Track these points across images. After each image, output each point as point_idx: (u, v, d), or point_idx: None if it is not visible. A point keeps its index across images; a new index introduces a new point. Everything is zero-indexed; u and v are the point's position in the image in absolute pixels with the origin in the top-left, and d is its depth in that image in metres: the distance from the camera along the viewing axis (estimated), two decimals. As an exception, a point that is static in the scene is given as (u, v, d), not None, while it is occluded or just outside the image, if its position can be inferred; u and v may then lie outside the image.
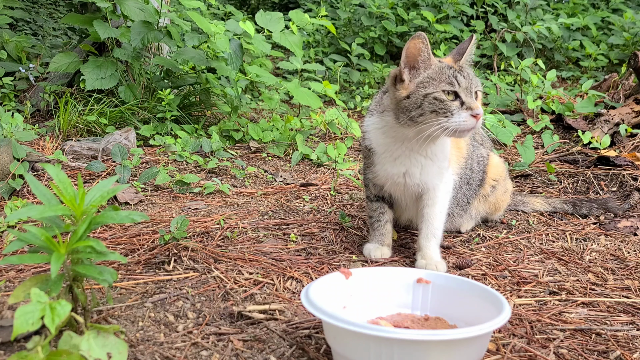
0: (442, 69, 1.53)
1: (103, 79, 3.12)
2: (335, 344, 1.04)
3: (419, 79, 1.54)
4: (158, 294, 1.40)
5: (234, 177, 2.61)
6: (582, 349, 1.22)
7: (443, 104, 1.49)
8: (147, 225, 1.90)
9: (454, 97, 1.51)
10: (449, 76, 1.51)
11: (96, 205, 1.09)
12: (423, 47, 1.52)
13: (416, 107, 1.52)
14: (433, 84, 1.51)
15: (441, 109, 1.49)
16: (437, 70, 1.53)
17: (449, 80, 1.51)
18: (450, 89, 1.50)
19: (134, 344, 1.15)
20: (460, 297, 1.22)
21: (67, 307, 0.96)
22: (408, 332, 0.92)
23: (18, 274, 1.50)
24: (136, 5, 3.18)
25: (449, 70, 1.53)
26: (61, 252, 1.03)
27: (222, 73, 3.28)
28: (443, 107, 1.49)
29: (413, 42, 1.52)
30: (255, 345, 1.17)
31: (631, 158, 2.61)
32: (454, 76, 1.51)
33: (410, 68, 1.55)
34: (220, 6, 5.67)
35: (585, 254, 1.79)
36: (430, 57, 1.54)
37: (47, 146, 2.71)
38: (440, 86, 1.51)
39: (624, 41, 5.30)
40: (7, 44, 3.86)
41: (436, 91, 1.50)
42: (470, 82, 1.52)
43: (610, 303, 1.45)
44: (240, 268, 1.57)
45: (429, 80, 1.52)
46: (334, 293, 1.21)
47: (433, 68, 1.54)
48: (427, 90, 1.51)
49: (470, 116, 1.49)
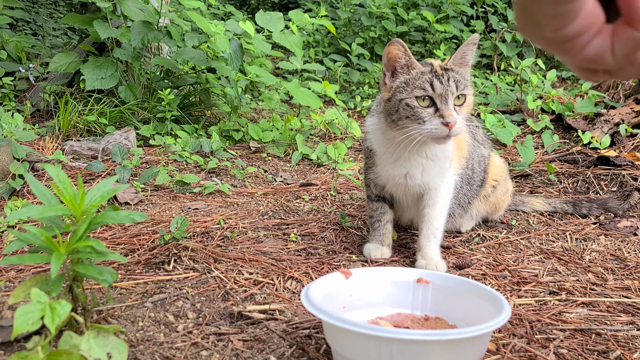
0: (420, 74, 1.51)
1: (103, 79, 3.12)
2: (335, 344, 1.04)
3: (396, 83, 1.54)
4: (158, 294, 1.40)
5: (234, 177, 2.61)
6: (582, 349, 1.22)
7: (414, 110, 1.48)
8: (147, 225, 1.90)
9: (429, 102, 1.48)
10: (423, 82, 1.48)
11: (96, 205, 1.09)
12: (399, 52, 1.52)
13: (394, 111, 1.52)
14: (407, 90, 1.50)
15: (413, 115, 1.48)
16: (414, 75, 1.51)
17: (423, 86, 1.48)
18: (423, 94, 1.48)
19: (134, 344, 1.15)
20: (460, 297, 1.22)
21: (67, 307, 0.96)
22: (408, 332, 0.92)
23: (18, 274, 1.50)
24: (136, 5, 3.18)
25: (425, 76, 1.49)
26: (61, 252, 1.03)
27: (222, 73, 3.28)
28: (414, 114, 1.48)
29: (390, 47, 1.52)
30: (255, 345, 1.17)
31: (631, 158, 2.61)
32: (429, 81, 1.48)
33: (392, 72, 1.55)
34: (220, 6, 5.67)
35: (585, 254, 1.79)
36: (410, 61, 1.52)
37: (47, 146, 2.71)
38: (413, 92, 1.49)
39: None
40: (7, 44, 3.86)
41: (409, 97, 1.49)
42: (447, 88, 1.47)
43: (610, 303, 1.45)
44: (240, 268, 1.57)
45: (404, 85, 1.51)
46: (334, 293, 1.21)
47: (411, 73, 1.52)
48: (402, 95, 1.51)
49: (442, 124, 1.46)
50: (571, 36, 0.48)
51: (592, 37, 0.49)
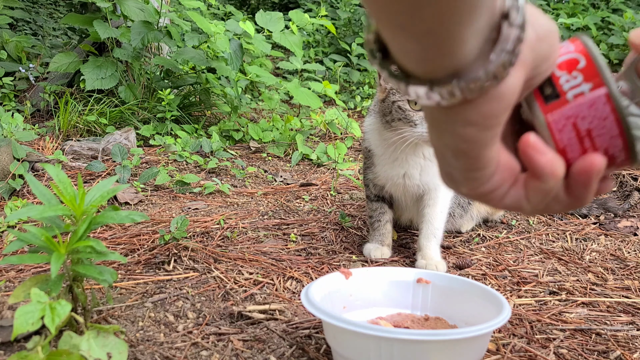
0: None
1: (103, 79, 3.12)
2: (335, 344, 1.04)
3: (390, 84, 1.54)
4: (158, 294, 1.40)
5: (234, 177, 2.61)
6: (582, 349, 1.22)
7: (406, 113, 1.48)
8: (147, 225, 1.90)
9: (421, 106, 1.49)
10: None
11: (96, 205, 1.09)
12: None
13: (388, 112, 1.53)
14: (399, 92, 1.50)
15: (405, 117, 1.49)
16: None
17: None
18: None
19: (134, 344, 1.15)
20: (460, 297, 1.22)
21: (67, 307, 0.96)
22: (408, 332, 0.92)
23: (18, 274, 1.50)
24: (136, 5, 3.18)
25: None
26: (61, 252, 1.03)
27: (222, 73, 3.28)
28: (406, 117, 1.48)
29: None
30: (255, 345, 1.17)
31: (631, 158, 2.61)
32: None
33: None
34: (220, 6, 5.67)
35: (585, 254, 1.79)
36: None
37: (47, 146, 2.71)
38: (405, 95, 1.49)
39: (623, 41, 5.29)
40: (7, 44, 3.86)
41: (401, 100, 1.49)
42: None
43: (610, 303, 1.45)
44: (240, 268, 1.57)
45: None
46: (334, 293, 1.21)
47: None
48: (394, 97, 1.51)
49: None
50: (488, 192, 0.50)
51: (509, 188, 0.50)
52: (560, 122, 0.49)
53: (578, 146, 0.50)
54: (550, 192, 0.49)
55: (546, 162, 0.47)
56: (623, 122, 0.48)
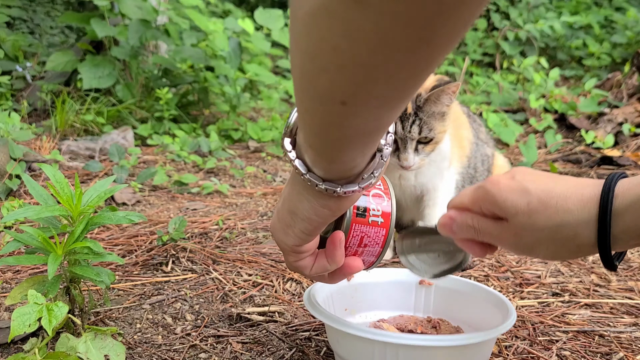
0: None
1: (100, 77, 3.10)
2: (337, 348, 1.02)
3: None
4: (156, 295, 1.38)
5: (232, 177, 2.59)
6: (585, 351, 1.20)
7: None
8: (144, 225, 1.88)
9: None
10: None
11: (93, 206, 1.08)
12: None
13: None
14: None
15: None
16: None
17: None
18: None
19: (131, 346, 1.14)
20: (463, 299, 1.20)
21: (64, 309, 0.95)
22: (414, 338, 0.90)
23: (15, 275, 1.48)
24: (134, 3, 3.16)
25: None
26: (58, 253, 1.02)
27: (220, 71, 3.26)
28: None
29: None
30: (254, 347, 1.16)
31: (634, 158, 2.60)
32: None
33: None
34: (219, 4, 5.65)
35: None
36: None
37: (44, 146, 2.69)
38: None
39: (627, 40, 5.28)
40: (4, 43, 3.83)
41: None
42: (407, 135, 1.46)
43: (614, 304, 1.44)
44: (239, 269, 1.55)
45: None
46: (335, 295, 1.19)
47: None
48: None
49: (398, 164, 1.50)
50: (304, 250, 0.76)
51: (310, 254, 0.78)
52: (357, 230, 0.79)
53: (355, 249, 0.81)
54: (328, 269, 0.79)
55: (340, 255, 0.78)
56: (383, 250, 0.84)
